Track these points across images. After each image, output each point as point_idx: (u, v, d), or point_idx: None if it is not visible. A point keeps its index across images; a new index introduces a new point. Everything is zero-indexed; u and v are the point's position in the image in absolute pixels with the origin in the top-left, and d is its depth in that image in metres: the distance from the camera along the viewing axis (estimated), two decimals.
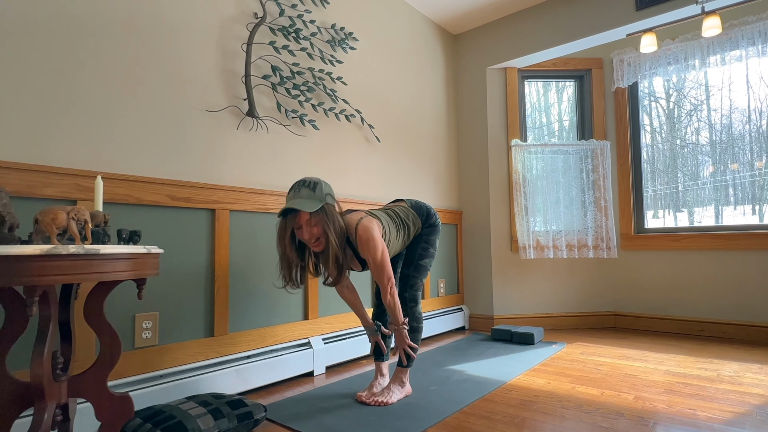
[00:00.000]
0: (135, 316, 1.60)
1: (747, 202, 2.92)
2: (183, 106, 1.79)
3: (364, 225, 1.63)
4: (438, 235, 1.91)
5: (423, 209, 1.90)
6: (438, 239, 1.92)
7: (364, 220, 1.65)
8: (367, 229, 1.62)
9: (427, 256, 1.87)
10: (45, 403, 1.06)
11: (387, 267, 1.66)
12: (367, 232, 1.62)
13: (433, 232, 1.90)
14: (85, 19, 1.54)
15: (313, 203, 1.54)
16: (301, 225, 1.55)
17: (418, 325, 1.82)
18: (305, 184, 1.58)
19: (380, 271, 1.65)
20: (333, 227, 1.57)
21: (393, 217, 1.82)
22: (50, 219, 1.02)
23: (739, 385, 1.89)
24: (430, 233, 1.89)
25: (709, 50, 2.93)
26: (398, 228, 1.81)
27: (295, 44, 2.26)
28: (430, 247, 1.88)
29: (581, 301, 3.28)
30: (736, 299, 2.83)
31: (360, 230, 1.62)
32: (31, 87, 1.41)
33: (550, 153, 3.24)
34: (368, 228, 1.62)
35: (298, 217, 1.55)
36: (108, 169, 1.57)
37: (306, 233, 1.56)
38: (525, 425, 1.51)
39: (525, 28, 3.17)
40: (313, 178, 1.61)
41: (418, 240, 1.88)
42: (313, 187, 1.57)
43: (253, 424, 1.48)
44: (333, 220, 1.58)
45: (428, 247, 1.88)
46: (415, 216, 1.87)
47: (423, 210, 1.90)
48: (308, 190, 1.56)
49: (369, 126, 2.66)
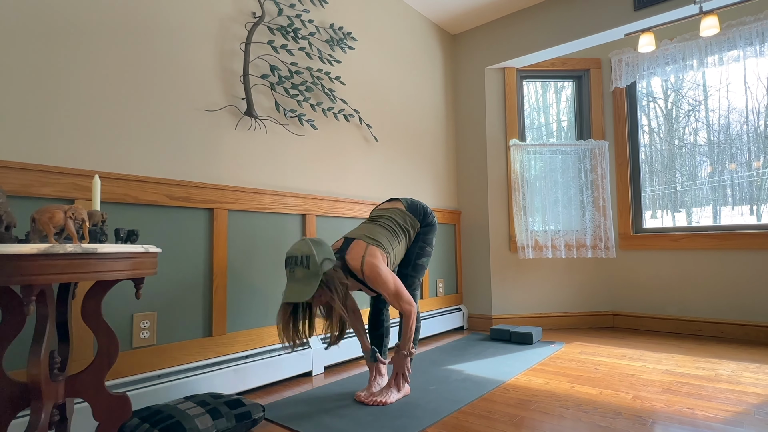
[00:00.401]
0: (133, 316, 1.60)
1: (745, 202, 2.93)
2: (181, 105, 1.79)
3: (368, 263, 1.62)
4: (435, 234, 1.91)
5: (419, 209, 1.90)
6: (435, 237, 1.92)
7: (367, 257, 1.63)
8: (373, 267, 1.61)
9: (424, 255, 1.87)
10: (42, 403, 1.06)
11: (404, 293, 1.66)
12: (373, 270, 1.61)
13: (431, 231, 1.90)
14: (83, 18, 1.54)
15: (310, 285, 1.49)
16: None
17: (416, 325, 1.82)
18: (298, 262, 1.51)
19: (398, 298, 1.65)
20: (337, 294, 1.53)
21: (394, 230, 1.80)
22: (47, 218, 1.01)
23: (737, 385, 1.89)
24: (428, 232, 1.89)
25: (707, 50, 2.93)
26: (399, 239, 1.80)
27: (293, 44, 2.25)
28: (427, 246, 1.88)
29: (580, 301, 3.28)
30: (734, 299, 2.84)
31: (366, 270, 1.61)
32: (29, 86, 1.41)
33: (549, 153, 3.24)
34: (374, 266, 1.61)
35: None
36: (106, 169, 1.56)
37: (315, 309, 1.60)
38: (523, 425, 1.51)
39: (523, 28, 3.17)
40: (303, 248, 1.53)
41: (416, 240, 1.89)
42: (306, 263, 1.50)
43: (251, 424, 1.48)
44: (335, 287, 1.53)
45: (425, 246, 1.88)
46: (413, 218, 1.87)
47: (420, 210, 1.90)
48: (302, 269, 1.50)
49: (367, 126, 2.66)
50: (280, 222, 2.12)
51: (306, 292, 1.48)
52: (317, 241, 1.57)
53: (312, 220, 2.25)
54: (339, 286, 1.53)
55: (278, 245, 2.11)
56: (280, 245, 2.11)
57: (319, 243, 1.57)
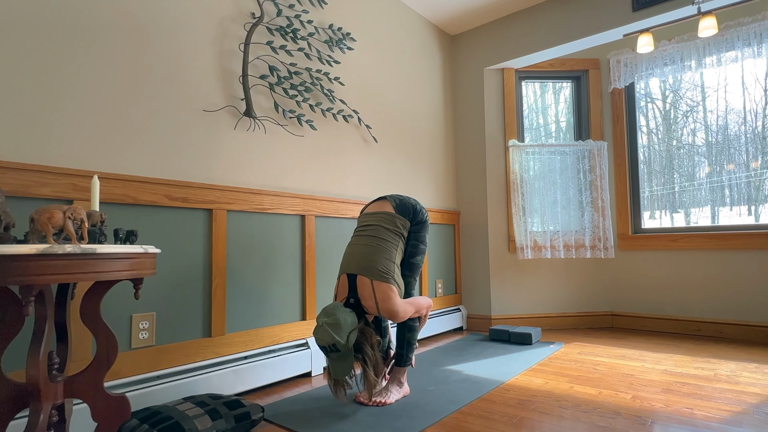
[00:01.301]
0: (132, 317, 1.59)
1: (743, 203, 2.93)
2: (180, 105, 1.79)
3: (386, 309, 1.66)
4: (427, 231, 1.88)
5: (408, 208, 1.86)
6: (428, 234, 1.91)
7: (381, 303, 1.66)
8: (391, 312, 1.67)
9: (418, 253, 1.85)
10: (41, 403, 1.06)
11: (421, 306, 1.80)
12: (392, 313, 1.67)
13: (422, 228, 1.86)
14: (82, 18, 1.53)
15: (347, 362, 1.58)
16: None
17: (414, 324, 1.82)
18: (329, 350, 1.57)
19: (420, 311, 1.80)
20: (369, 359, 1.62)
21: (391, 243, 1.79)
22: (46, 218, 1.01)
23: (736, 384, 1.89)
24: (419, 230, 1.86)
25: (705, 51, 2.94)
26: (397, 247, 1.80)
27: (292, 44, 2.25)
28: (420, 244, 1.85)
29: (579, 301, 3.28)
30: (732, 299, 2.84)
31: (385, 314, 1.67)
32: (28, 86, 1.40)
33: (548, 153, 3.24)
34: (391, 310, 1.67)
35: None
36: (104, 169, 1.56)
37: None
38: (523, 425, 1.51)
39: (522, 29, 3.18)
40: (326, 338, 1.56)
41: (408, 238, 1.85)
42: (335, 348, 1.56)
43: (250, 425, 1.47)
44: (365, 351, 1.62)
45: (418, 244, 1.85)
46: (403, 219, 1.84)
47: (409, 209, 1.86)
48: (335, 353, 1.57)
49: (366, 126, 2.66)
50: (279, 222, 2.12)
51: (345, 370, 1.59)
52: (334, 324, 1.57)
53: (311, 221, 2.25)
54: (370, 354, 1.62)
55: (277, 246, 2.11)
56: (279, 246, 2.11)
57: (336, 325, 1.57)
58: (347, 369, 1.58)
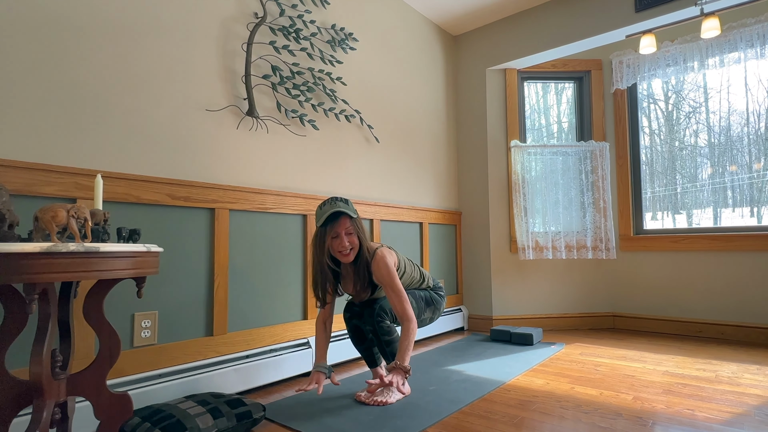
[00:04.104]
0: (134, 315, 1.60)
1: (745, 204, 2.93)
2: (183, 105, 1.79)
3: (381, 252, 1.75)
4: (440, 305, 1.98)
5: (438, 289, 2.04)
6: (439, 308, 1.97)
7: (383, 248, 1.78)
8: (383, 257, 1.73)
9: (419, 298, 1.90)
10: (44, 401, 1.06)
11: (407, 298, 1.76)
12: (383, 259, 1.73)
13: (440, 299, 1.99)
14: (85, 18, 1.54)
15: (350, 206, 1.71)
16: (339, 233, 1.67)
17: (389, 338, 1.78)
18: (339, 198, 1.70)
19: (398, 296, 1.72)
20: (365, 237, 1.74)
21: (409, 261, 1.94)
22: (50, 217, 1.02)
23: (737, 386, 1.89)
24: (438, 297, 1.99)
25: (708, 52, 2.94)
26: (413, 269, 1.93)
27: (295, 44, 2.26)
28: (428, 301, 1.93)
29: (580, 302, 3.28)
30: (734, 300, 2.84)
31: (378, 257, 1.73)
32: (31, 85, 1.41)
33: (550, 154, 3.24)
34: (384, 256, 1.74)
35: (340, 224, 1.66)
36: (108, 168, 1.57)
37: (345, 240, 1.67)
38: (524, 425, 1.51)
39: (524, 30, 3.18)
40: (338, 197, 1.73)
41: (425, 290, 1.99)
42: (346, 201, 1.72)
43: (251, 424, 1.48)
44: (365, 232, 1.74)
45: (427, 297, 1.94)
46: (430, 277, 2.03)
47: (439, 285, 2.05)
48: (343, 203, 1.69)
49: (368, 126, 2.66)
50: (282, 222, 2.13)
51: (350, 211, 1.69)
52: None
53: (313, 220, 2.25)
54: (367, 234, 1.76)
55: (279, 245, 2.11)
56: (281, 245, 2.12)
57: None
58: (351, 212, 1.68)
